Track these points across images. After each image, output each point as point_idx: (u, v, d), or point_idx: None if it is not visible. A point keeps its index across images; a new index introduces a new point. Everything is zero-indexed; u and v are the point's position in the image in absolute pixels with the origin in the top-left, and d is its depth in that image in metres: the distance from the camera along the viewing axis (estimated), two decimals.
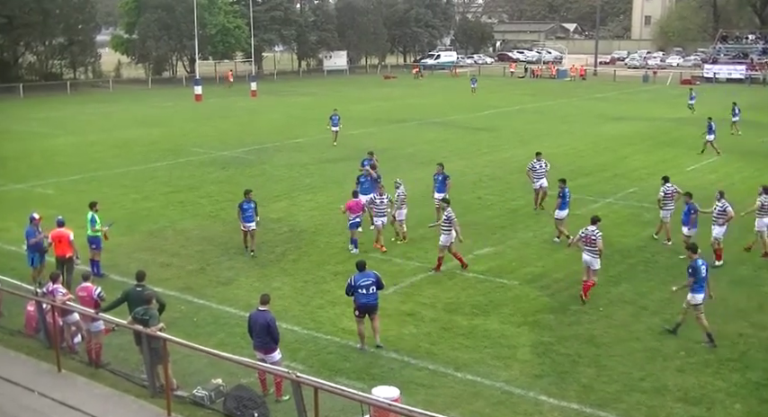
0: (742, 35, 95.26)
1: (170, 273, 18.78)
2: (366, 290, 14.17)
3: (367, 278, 14.27)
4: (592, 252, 16.75)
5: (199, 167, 32.53)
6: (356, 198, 20.68)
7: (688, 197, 19.75)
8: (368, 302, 14.21)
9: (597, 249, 16.64)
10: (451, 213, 18.51)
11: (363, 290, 14.17)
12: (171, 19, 77.79)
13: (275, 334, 12.32)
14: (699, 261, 14.82)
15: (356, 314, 14.36)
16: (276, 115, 51.78)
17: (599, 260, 16.86)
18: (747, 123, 46.73)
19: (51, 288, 13.98)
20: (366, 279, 14.24)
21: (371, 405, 10.59)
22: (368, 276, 14.30)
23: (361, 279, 14.22)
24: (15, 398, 12.60)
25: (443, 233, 18.53)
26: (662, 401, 12.61)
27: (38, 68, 75.94)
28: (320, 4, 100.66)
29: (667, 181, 21.27)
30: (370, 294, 14.20)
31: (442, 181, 22.75)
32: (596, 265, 16.86)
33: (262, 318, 12.32)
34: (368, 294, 14.18)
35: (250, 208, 19.90)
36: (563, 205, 20.97)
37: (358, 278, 14.26)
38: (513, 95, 66.24)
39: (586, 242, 16.83)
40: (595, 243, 16.62)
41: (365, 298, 14.18)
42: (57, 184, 29.00)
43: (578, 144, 38.63)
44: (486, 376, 13.45)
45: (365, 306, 14.23)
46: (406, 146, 37.40)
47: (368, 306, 14.25)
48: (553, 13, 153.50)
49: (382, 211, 20.41)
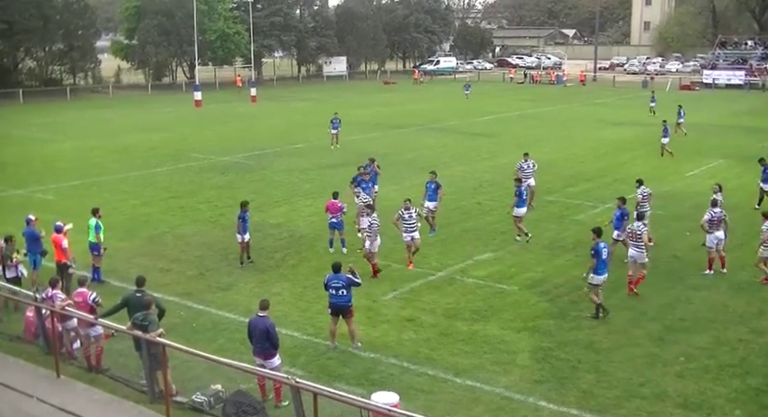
0: (741, 41, 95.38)
1: (169, 279, 18.77)
2: (336, 292, 14.50)
3: (338, 280, 14.53)
4: (638, 247, 17.49)
5: (198, 173, 32.54)
6: (335, 199, 20.83)
7: (621, 202, 19.89)
8: (337, 303, 14.53)
9: (642, 243, 17.41)
10: (376, 219, 18.53)
11: (333, 291, 14.53)
12: (171, 25, 77.93)
13: (274, 340, 12.32)
14: (601, 245, 16.10)
15: (329, 311, 14.73)
16: (276, 121, 51.83)
17: (645, 253, 17.58)
18: (747, 129, 46.87)
19: (50, 294, 13.96)
20: (337, 282, 14.52)
21: (371, 411, 10.58)
22: (339, 278, 14.55)
23: (333, 281, 14.55)
24: (14, 404, 12.57)
25: (368, 239, 18.56)
26: (662, 407, 12.59)
27: (38, 74, 76.01)
28: (320, 9, 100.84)
29: (642, 184, 21.72)
30: (340, 296, 14.47)
31: (434, 190, 22.47)
32: (643, 259, 17.58)
33: (261, 324, 12.32)
34: (337, 295, 14.48)
35: (248, 218, 19.80)
36: (520, 203, 21.71)
37: (331, 278, 14.61)
38: (513, 101, 66.32)
39: (632, 237, 17.65)
40: (641, 238, 17.38)
41: (335, 299, 14.54)
42: (57, 190, 29.00)
43: (578, 149, 38.67)
44: (485, 381, 13.44)
45: (335, 306, 14.58)
46: (405, 152, 37.43)
47: (337, 306, 14.55)
48: (552, 18, 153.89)
49: (412, 226, 19.50)
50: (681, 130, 42.20)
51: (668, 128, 36.05)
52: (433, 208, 22.34)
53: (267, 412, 11.86)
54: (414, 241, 19.51)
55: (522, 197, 21.67)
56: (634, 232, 17.61)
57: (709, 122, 49.92)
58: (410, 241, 19.51)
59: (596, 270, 16.01)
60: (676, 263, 19.39)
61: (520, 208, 21.68)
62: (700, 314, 16.45)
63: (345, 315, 14.63)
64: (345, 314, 14.62)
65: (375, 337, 15.30)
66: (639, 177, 23.40)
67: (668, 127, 36.09)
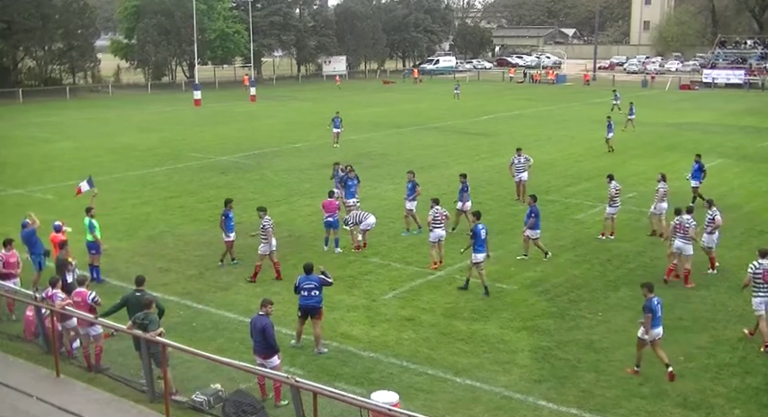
0: (741, 40, 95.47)
1: (169, 278, 18.77)
2: (308, 293, 14.48)
3: (310, 281, 14.56)
4: (684, 239, 17.88)
5: (198, 172, 32.54)
6: (331, 197, 20.92)
7: (531, 199, 20.15)
8: (308, 304, 14.50)
9: (689, 236, 17.79)
10: (268, 222, 18.43)
11: (305, 293, 14.51)
12: (170, 24, 77.93)
13: (270, 339, 12.32)
14: (479, 226, 17.39)
15: (299, 314, 14.68)
16: (275, 120, 51.82)
17: (691, 246, 17.95)
18: (746, 128, 46.88)
19: (50, 293, 13.96)
20: (309, 283, 14.54)
21: (371, 410, 10.58)
22: (312, 280, 14.58)
23: (305, 282, 14.55)
24: (14, 403, 12.58)
25: (262, 242, 18.45)
26: (661, 406, 12.60)
27: (37, 73, 76.03)
28: (319, 9, 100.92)
29: (612, 179, 22.11)
30: (312, 297, 14.47)
31: (411, 189, 22.50)
32: (689, 251, 17.94)
33: (259, 322, 12.36)
34: (309, 297, 14.47)
35: (232, 217, 19.71)
36: (466, 197, 22.57)
37: (303, 280, 14.60)
38: (512, 100, 66.33)
39: (680, 229, 17.99)
40: (687, 231, 17.76)
41: (306, 301, 14.51)
42: (56, 189, 28.98)
43: (577, 148, 38.68)
44: (485, 381, 13.45)
45: (307, 307, 14.55)
46: (405, 151, 37.44)
47: (308, 307, 14.52)
48: (552, 18, 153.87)
49: (439, 223, 19.46)
50: (631, 126, 44.04)
51: (612, 123, 37.18)
52: (409, 208, 22.43)
53: (267, 411, 11.86)
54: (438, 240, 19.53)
55: (466, 192, 22.54)
56: (682, 224, 17.94)
57: (709, 122, 49.97)
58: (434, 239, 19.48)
59: (476, 250, 17.33)
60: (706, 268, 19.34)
61: (465, 202, 22.39)
62: (699, 314, 16.46)
63: (315, 316, 14.58)
64: (315, 315, 14.57)
65: (374, 336, 15.31)
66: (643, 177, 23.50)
67: (612, 123, 37.26)
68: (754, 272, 14.99)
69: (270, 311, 12.64)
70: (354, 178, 22.87)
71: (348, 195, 22.47)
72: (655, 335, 13.48)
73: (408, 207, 22.49)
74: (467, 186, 22.75)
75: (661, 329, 13.61)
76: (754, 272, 14.98)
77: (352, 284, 18.39)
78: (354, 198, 22.53)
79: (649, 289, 13.62)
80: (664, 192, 21.86)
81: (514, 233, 22.84)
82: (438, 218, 19.36)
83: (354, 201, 22.42)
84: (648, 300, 13.48)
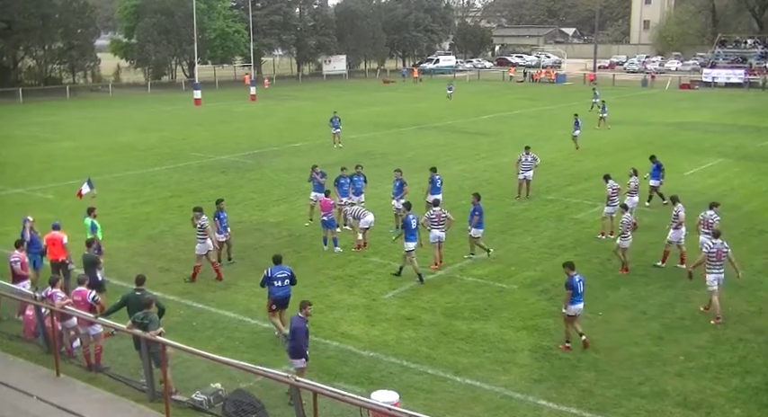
0: (741, 40, 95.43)
1: (169, 278, 18.76)
2: (281, 283, 14.66)
3: (283, 271, 14.74)
4: (709, 234, 17.84)
5: (198, 171, 32.54)
6: (326, 197, 20.96)
7: (475, 198, 20.24)
8: (283, 295, 14.68)
9: (711, 232, 17.71)
10: (206, 221, 18.30)
11: (278, 283, 14.64)
12: (170, 23, 77.95)
13: (300, 341, 12.32)
14: (410, 216, 18.28)
15: (273, 308, 14.80)
16: (275, 119, 51.83)
17: None
18: (746, 128, 46.86)
19: (50, 293, 13.96)
20: (282, 272, 14.71)
21: (371, 410, 10.58)
22: (283, 269, 14.78)
23: (277, 272, 14.68)
24: (14, 403, 12.58)
25: (199, 242, 18.34)
26: (661, 405, 12.60)
27: (37, 73, 76.08)
28: (319, 8, 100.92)
29: (609, 179, 22.43)
30: (285, 286, 14.67)
31: (399, 187, 22.55)
32: None
33: (293, 322, 12.42)
34: (282, 286, 14.65)
35: (226, 217, 19.67)
36: (435, 190, 22.78)
37: (274, 270, 14.70)
38: (513, 100, 66.33)
39: (704, 225, 18.39)
40: (711, 227, 17.92)
41: (280, 291, 14.65)
42: (56, 189, 28.98)
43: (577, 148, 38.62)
44: (485, 380, 13.45)
45: (281, 298, 14.70)
46: (405, 151, 37.44)
47: (283, 298, 14.71)
48: (552, 17, 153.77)
49: (437, 225, 19.29)
50: (604, 125, 45.08)
51: (579, 121, 37.53)
52: (399, 207, 22.46)
53: (267, 410, 11.86)
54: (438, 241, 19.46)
55: (435, 184, 22.74)
56: (706, 220, 18.39)
57: (709, 121, 49.96)
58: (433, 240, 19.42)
59: (408, 238, 18.17)
60: (676, 262, 19.38)
61: (434, 195, 22.29)
62: (699, 314, 16.44)
63: (285, 307, 14.78)
64: (286, 305, 14.76)
65: (374, 336, 15.31)
66: (642, 176, 23.54)
67: (579, 120, 37.64)
68: (708, 252, 16.21)
69: (309, 312, 12.59)
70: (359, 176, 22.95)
71: (342, 193, 22.47)
72: (576, 310, 14.57)
73: (397, 205, 22.48)
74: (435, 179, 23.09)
75: (582, 305, 14.69)
76: (709, 252, 16.18)
77: (352, 283, 18.39)
78: (347, 197, 22.39)
79: (571, 268, 14.71)
80: (635, 186, 22.76)
81: (513, 232, 22.88)
82: (435, 220, 19.29)
83: (347, 200, 22.34)
84: (570, 278, 14.53)
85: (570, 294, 14.44)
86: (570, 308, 14.52)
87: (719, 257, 16.02)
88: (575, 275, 14.57)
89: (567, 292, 14.50)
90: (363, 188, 23.01)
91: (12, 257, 15.86)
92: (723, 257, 16.07)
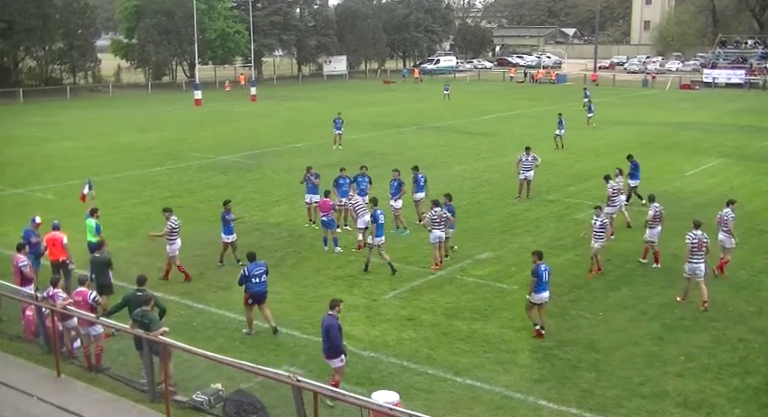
0: (741, 40, 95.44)
1: (170, 278, 18.75)
2: (259, 279, 15.01)
3: (259, 267, 15.11)
4: (726, 232, 18.70)
5: (198, 172, 32.55)
6: (326, 197, 20.97)
7: (447, 199, 20.30)
8: (261, 290, 15.02)
9: (729, 229, 18.61)
10: (175, 222, 18.41)
11: (256, 279, 14.98)
12: (170, 24, 77.96)
13: (335, 340, 12.29)
14: (378, 212, 18.89)
15: (249, 302, 15.09)
16: (276, 120, 51.83)
17: (732, 239, 18.79)
18: (746, 128, 46.85)
19: (51, 293, 13.96)
20: (259, 269, 15.07)
21: (371, 410, 10.58)
22: (260, 265, 15.15)
23: (255, 269, 15.02)
24: (14, 403, 12.58)
25: (169, 243, 18.44)
26: (662, 406, 12.60)
27: (38, 73, 76.06)
28: (320, 9, 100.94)
29: (610, 179, 22.62)
30: (262, 283, 15.04)
31: (397, 188, 22.66)
32: (729, 244, 18.77)
33: (325, 321, 12.38)
34: (260, 282, 15.02)
35: (232, 218, 19.71)
36: (419, 189, 23.31)
37: (251, 268, 15.04)
38: (513, 100, 66.31)
39: (721, 223, 18.79)
40: (728, 224, 18.56)
41: (258, 287, 15.00)
42: (56, 189, 28.99)
43: (577, 148, 38.63)
44: (485, 380, 13.45)
45: (259, 294, 15.02)
46: (405, 151, 37.45)
47: (261, 293, 15.04)
48: (552, 17, 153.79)
49: (438, 225, 19.23)
50: (590, 123, 45.96)
51: (563, 120, 38.04)
52: (398, 207, 22.48)
53: (267, 411, 11.86)
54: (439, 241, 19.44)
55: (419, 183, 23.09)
56: (722, 218, 18.77)
57: (709, 121, 49.95)
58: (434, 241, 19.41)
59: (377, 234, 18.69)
60: (676, 262, 19.33)
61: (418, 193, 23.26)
62: (699, 314, 16.45)
63: (262, 302, 15.08)
64: (263, 300, 15.12)
65: (375, 336, 15.32)
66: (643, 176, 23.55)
67: (563, 119, 38.12)
68: (691, 242, 16.88)
69: (340, 309, 12.58)
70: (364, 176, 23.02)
71: (341, 194, 22.49)
72: (539, 299, 15.12)
73: (395, 205, 22.50)
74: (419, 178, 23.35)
75: (547, 293, 15.26)
76: (692, 242, 16.87)
77: (352, 284, 18.40)
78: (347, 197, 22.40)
79: (539, 257, 15.32)
80: (620, 187, 23.07)
81: (514, 233, 22.88)
82: (436, 220, 19.29)
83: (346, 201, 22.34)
84: (537, 266, 15.13)
85: (535, 281, 14.99)
86: (534, 296, 15.07)
87: (701, 247, 16.74)
88: (541, 264, 15.14)
89: (533, 279, 15.05)
90: (368, 188, 22.99)
91: (20, 261, 15.83)
92: (704, 247, 16.79)
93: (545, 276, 15.14)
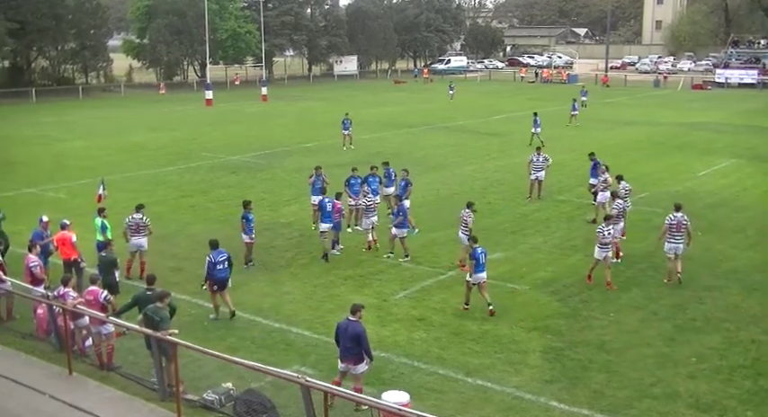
0: (754, 40, 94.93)
1: (180, 277, 18.79)
2: (222, 266, 15.76)
3: (222, 254, 15.85)
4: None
5: (209, 171, 32.63)
6: (338, 199, 20.93)
7: (397, 199, 20.61)
8: (225, 276, 15.78)
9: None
10: (142, 220, 18.53)
11: (220, 266, 15.73)
12: (182, 24, 78.19)
13: (366, 346, 12.13)
14: (325, 200, 19.69)
15: (214, 289, 15.84)
16: (286, 120, 51.90)
17: None
18: (759, 128, 46.56)
19: (62, 292, 14.02)
20: (222, 256, 15.82)
21: (381, 410, 10.58)
22: (222, 253, 15.88)
23: (218, 256, 15.78)
24: (27, 401, 12.65)
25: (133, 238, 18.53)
26: (673, 407, 12.54)
27: (50, 73, 76.45)
28: (331, 9, 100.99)
29: (622, 179, 22.55)
30: (225, 269, 15.80)
31: (404, 187, 22.54)
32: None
33: (351, 328, 12.07)
34: (224, 269, 15.78)
35: (253, 219, 19.70)
36: (389, 183, 23.77)
37: (215, 255, 15.78)
38: (524, 100, 66.15)
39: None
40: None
41: (222, 273, 15.76)
42: (68, 188, 29.13)
43: (589, 148, 38.26)
44: (496, 381, 13.42)
45: (222, 280, 15.77)
46: (416, 151, 37.43)
47: (223, 280, 15.77)
48: (564, 17, 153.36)
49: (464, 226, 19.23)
50: (574, 121, 46.77)
51: (538, 119, 38.85)
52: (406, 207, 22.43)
53: (277, 410, 11.87)
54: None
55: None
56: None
57: (721, 121, 49.71)
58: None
59: (322, 220, 19.80)
60: (688, 263, 19.24)
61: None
62: (711, 315, 16.37)
63: (223, 288, 15.80)
64: (225, 286, 15.82)
65: (385, 336, 15.30)
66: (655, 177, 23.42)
67: (538, 118, 38.84)
68: (669, 223, 18.08)
69: (361, 315, 12.31)
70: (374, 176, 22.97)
71: (354, 193, 22.43)
72: (478, 279, 16.24)
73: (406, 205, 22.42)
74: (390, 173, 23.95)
75: (485, 274, 16.36)
76: (670, 223, 18.08)
77: (362, 283, 18.39)
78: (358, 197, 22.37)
79: (474, 241, 16.67)
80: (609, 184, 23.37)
81: (525, 233, 22.82)
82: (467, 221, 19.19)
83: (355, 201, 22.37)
84: (473, 249, 16.33)
85: (474, 264, 16.19)
86: (474, 276, 16.23)
87: (679, 228, 17.95)
88: (477, 248, 16.30)
89: (471, 262, 16.30)
90: (379, 188, 22.97)
91: (31, 262, 15.90)
92: (683, 228, 18.00)
93: (482, 258, 16.19)
